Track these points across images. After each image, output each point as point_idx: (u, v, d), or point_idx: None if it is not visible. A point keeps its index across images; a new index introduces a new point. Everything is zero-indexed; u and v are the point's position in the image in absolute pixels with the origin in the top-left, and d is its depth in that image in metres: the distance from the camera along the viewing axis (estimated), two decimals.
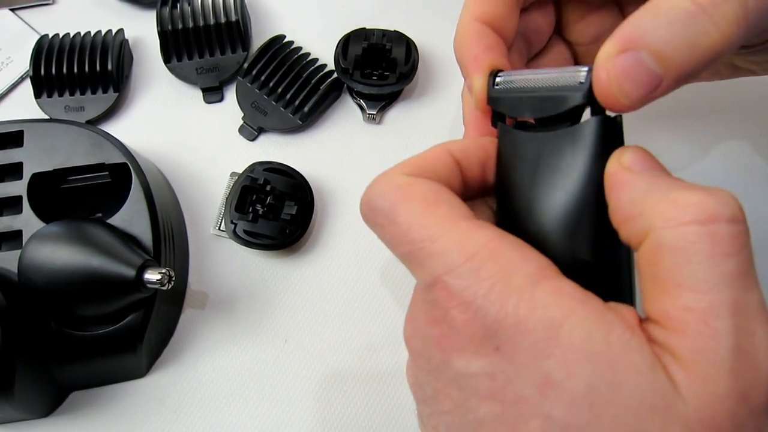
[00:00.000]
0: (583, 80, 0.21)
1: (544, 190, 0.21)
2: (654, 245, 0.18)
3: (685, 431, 0.17)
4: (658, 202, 0.19)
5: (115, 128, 0.44)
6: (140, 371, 0.38)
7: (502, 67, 0.26)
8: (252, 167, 0.40)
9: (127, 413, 0.37)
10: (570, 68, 0.23)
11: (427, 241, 0.20)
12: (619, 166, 0.20)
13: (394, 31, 0.44)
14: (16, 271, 0.34)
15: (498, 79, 0.25)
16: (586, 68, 0.22)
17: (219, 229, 0.40)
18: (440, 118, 0.44)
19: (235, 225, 0.38)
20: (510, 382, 0.18)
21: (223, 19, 0.44)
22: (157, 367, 0.38)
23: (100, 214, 0.39)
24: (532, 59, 0.31)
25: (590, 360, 0.17)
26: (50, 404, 0.37)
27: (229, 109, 0.44)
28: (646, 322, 0.19)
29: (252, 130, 0.43)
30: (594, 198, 0.21)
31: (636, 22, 0.19)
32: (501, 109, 0.25)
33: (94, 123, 0.44)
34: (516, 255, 0.19)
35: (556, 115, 0.22)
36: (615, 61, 0.19)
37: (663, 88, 0.19)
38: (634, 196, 0.19)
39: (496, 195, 0.25)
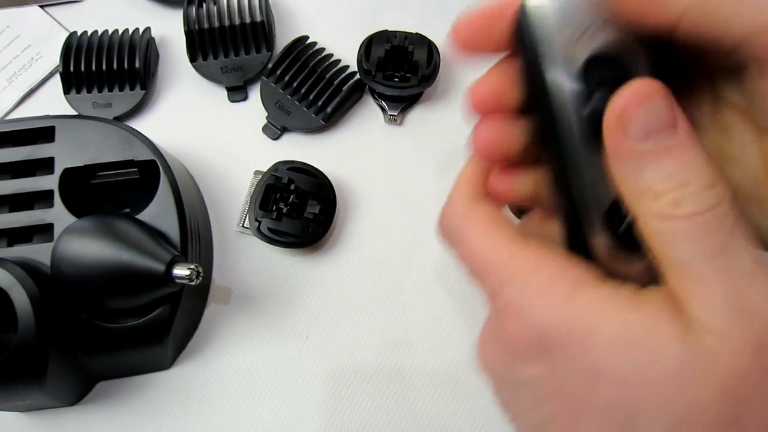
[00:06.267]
0: None
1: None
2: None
3: (720, 387, 0.19)
4: None
5: (141, 124, 0.45)
6: (166, 363, 0.39)
7: None
8: (276, 166, 0.41)
9: (152, 403, 0.38)
10: None
11: (487, 261, 0.22)
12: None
13: (416, 33, 0.44)
14: (47, 263, 0.35)
15: None
16: None
17: (243, 226, 0.41)
18: (460, 120, 0.45)
19: (260, 223, 0.39)
20: (562, 381, 0.20)
21: (248, 20, 0.45)
22: (182, 360, 0.39)
23: (128, 209, 0.40)
24: None
25: (626, 345, 0.19)
26: (78, 393, 0.38)
27: (254, 108, 0.45)
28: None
29: (276, 129, 0.44)
30: None
31: None
32: None
33: (121, 119, 0.45)
34: (558, 268, 0.21)
35: None
36: None
37: None
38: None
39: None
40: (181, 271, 0.33)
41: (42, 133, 0.39)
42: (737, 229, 0.20)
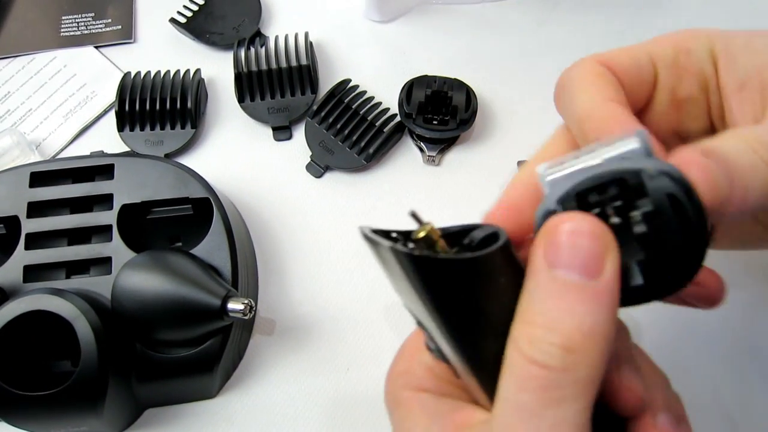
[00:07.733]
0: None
1: None
2: None
3: None
4: None
5: (190, 161, 0.48)
6: (212, 392, 0.40)
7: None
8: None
9: (198, 430, 0.40)
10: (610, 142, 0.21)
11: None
12: None
13: (455, 79, 0.46)
14: (105, 294, 0.37)
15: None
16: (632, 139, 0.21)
17: None
18: (496, 162, 0.47)
19: None
20: None
21: (294, 63, 0.48)
22: (227, 389, 0.41)
23: (179, 243, 0.42)
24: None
25: None
26: (128, 420, 0.40)
27: (298, 147, 0.47)
28: None
29: (319, 167, 0.46)
30: None
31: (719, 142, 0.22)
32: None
33: (171, 156, 0.47)
34: None
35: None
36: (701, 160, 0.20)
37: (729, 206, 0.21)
38: None
39: None
40: (235, 305, 0.35)
41: (101, 170, 0.41)
42: (564, 405, 0.19)
